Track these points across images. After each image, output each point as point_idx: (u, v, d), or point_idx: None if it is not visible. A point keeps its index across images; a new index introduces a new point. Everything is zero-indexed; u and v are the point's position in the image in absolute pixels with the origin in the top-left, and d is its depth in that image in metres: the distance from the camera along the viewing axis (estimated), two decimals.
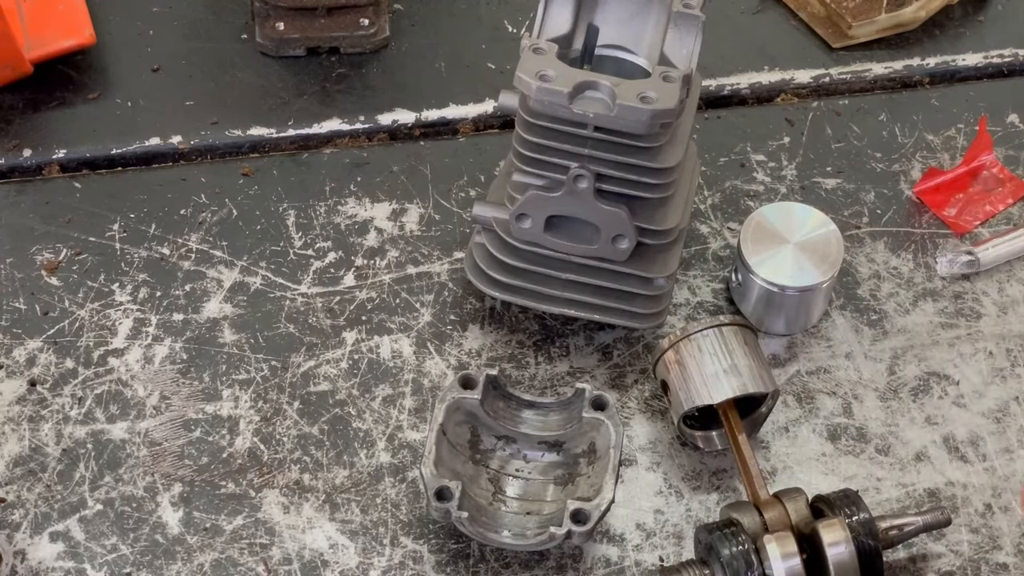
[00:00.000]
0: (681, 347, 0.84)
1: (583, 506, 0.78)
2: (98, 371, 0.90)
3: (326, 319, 0.93)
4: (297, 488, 0.85)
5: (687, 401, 0.83)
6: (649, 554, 0.83)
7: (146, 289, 0.94)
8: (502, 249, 0.88)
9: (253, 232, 0.97)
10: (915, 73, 1.09)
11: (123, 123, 1.03)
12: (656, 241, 0.86)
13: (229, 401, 0.89)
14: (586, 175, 0.82)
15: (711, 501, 0.86)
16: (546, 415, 0.85)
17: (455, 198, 0.99)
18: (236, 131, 1.03)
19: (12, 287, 0.93)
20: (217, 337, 0.91)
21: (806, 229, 0.91)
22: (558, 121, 0.81)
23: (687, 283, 0.95)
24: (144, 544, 0.82)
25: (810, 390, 0.91)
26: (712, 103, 1.07)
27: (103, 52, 1.06)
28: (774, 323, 0.92)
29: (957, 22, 1.12)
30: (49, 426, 0.87)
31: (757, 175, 1.02)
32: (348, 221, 0.98)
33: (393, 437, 0.88)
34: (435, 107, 1.05)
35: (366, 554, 0.83)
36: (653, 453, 0.88)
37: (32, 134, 1.02)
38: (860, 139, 1.04)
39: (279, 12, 1.06)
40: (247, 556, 0.82)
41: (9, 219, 0.97)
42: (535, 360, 0.91)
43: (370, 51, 1.08)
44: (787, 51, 1.10)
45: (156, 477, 0.85)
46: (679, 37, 0.81)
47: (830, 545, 0.75)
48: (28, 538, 0.82)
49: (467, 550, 0.83)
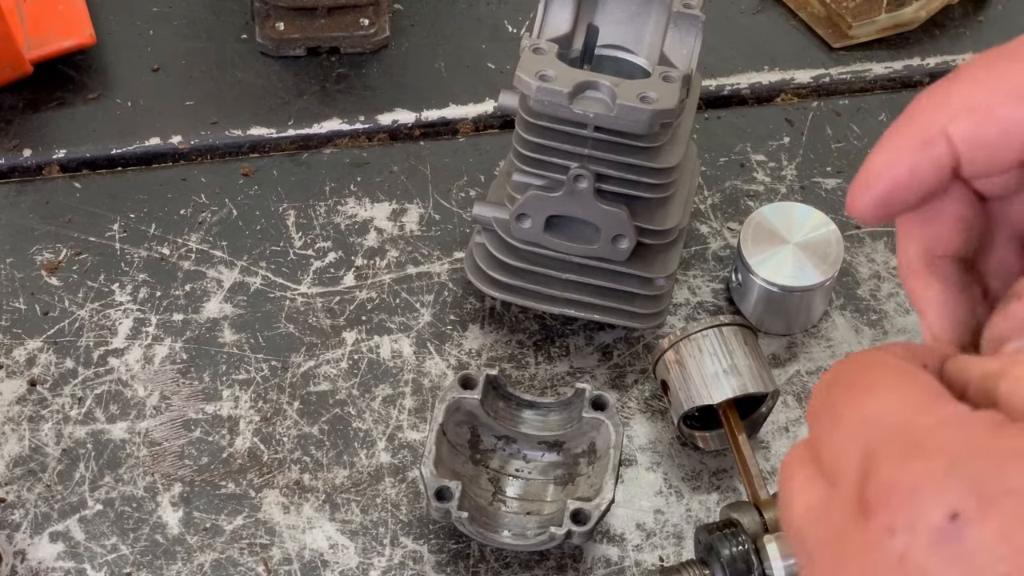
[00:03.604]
0: (681, 347, 0.84)
1: (583, 506, 0.78)
2: (98, 371, 0.90)
3: (326, 319, 0.93)
4: (297, 488, 0.85)
5: (687, 401, 0.83)
6: (649, 554, 0.83)
7: (146, 289, 0.94)
8: (502, 249, 0.88)
9: (253, 232, 0.97)
10: (915, 73, 1.09)
11: (123, 123, 1.03)
12: (656, 241, 0.86)
13: (229, 401, 0.89)
14: (586, 175, 0.82)
15: (711, 501, 0.86)
16: (546, 415, 0.85)
17: (455, 198, 0.99)
18: (236, 131, 1.03)
19: (12, 287, 0.93)
20: (217, 337, 0.91)
21: (806, 229, 0.91)
22: (558, 121, 0.81)
23: (687, 283, 0.95)
24: (144, 544, 0.82)
25: (810, 390, 0.91)
26: (712, 103, 1.07)
27: (103, 52, 1.07)
28: (774, 323, 0.92)
29: (957, 22, 1.12)
30: (49, 426, 0.87)
31: (757, 175, 1.02)
32: (348, 221, 0.98)
33: (393, 437, 0.88)
34: (435, 107, 1.05)
35: (366, 554, 0.83)
36: (653, 453, 0.88)
37: (32, 134, 1.02)
38: (860, 139, 1.04)
39: (279, 12, 1.06)
40: (247, 556, 0.82)
41: (9, 219, 0.97)
42: (535, 360, 0.91)
43: (370, 51, 1.08)
44: (787, 51, 1.10)
45: (156, 477, 0.85)
46: (679, 37, 0.81)
47: None
48: (28, 538, 0.82)
49: (467, 550, 0.83)
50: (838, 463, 0.40)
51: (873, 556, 0.37)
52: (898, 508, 0.37)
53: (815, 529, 0.40)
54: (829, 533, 0.39)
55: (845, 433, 0.40)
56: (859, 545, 0.38)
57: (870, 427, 0.39)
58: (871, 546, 0.37)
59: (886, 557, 0.37)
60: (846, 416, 0.40)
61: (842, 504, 0.39)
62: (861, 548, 0.38)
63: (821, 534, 0.40)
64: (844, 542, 0.39)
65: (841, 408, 0.40)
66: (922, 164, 0.42)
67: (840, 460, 0.39)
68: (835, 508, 0.39)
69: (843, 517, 0.39)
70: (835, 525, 0.39)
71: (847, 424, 0.40)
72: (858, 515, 0.38)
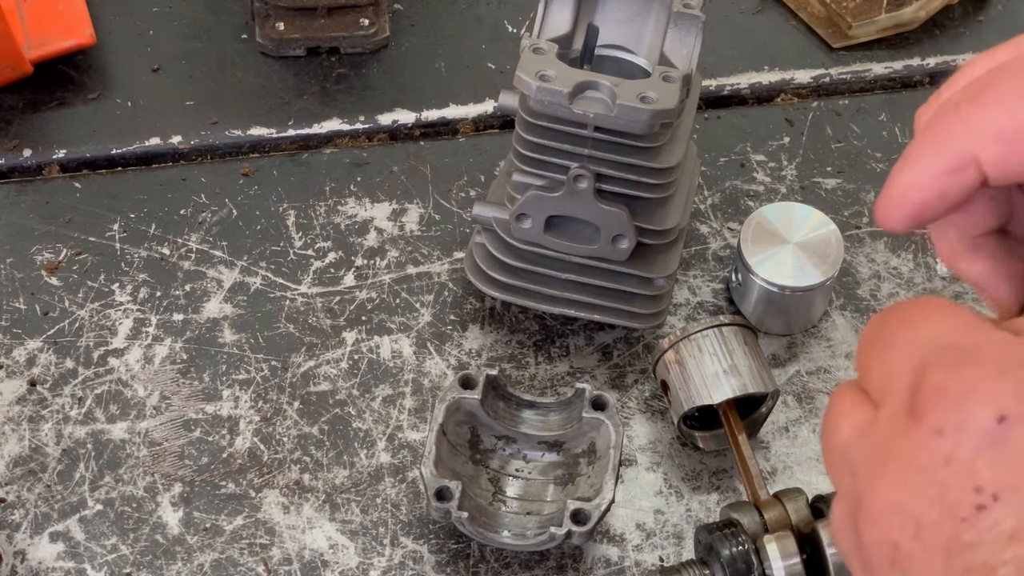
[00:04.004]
0: (681, 347, 0.84)
1: (583, 506, 0.78)
2: (98, 371, 0.90)
3: (326, 319, 0.93)
4: (297, 488, 0.85)
5: (687, 401, 0.83)
6: (649, 554, 0.83)
7: (146, 289, 0.94)
8: (502, 249, 0.88)
9: (253, 232, 0.97)
10: (915, 73, 1.09)
11: (123, 123, 1.03)
12: (656, 241, 0.86)
13: (229, 401, 0.89)
14: (586, 175, 0.82)
15: (711, 501, 0.86)
16: (546, 415, 0.85)
17: (455, 198, 0.99)
18: (236, 131, 1.03)
19: (12, 287, 0.93)
20: (217, 337, 0.91)
21: (806, 229, 0.91)
22: (558, 121, 0.81)
23: (687, 283, 0.95)
24: (144, 544, 0.82)
25: (810, 390, 0.91)
26: (712, 103, 1.07)
27: (103, 52, 1.07)
28: (774, 323, 0.92)
29: (957, 22, 1.12)
30: (49, 426, 0.87)
31: (757, 175, 1.02)
32: (348, 221, 0.98)
33: (393, 437, 0.88)
34: (435, 107, 1.05)
35: (366, 554, 0.83)
36: (653, 453, 0.88)
37: (32, 134, 1.02)
38: (860, 139, 1.04)
39: (279, 12, 1.06)
40: (247, 556, 0.82)
41: (9, 219, 0.97)
42: (535, 360, 0.91)
43: (370, 51, 1.08)
44: (787, 51, 1.10)
45: (156, 477, 0.85)
46: (679, 37, 0.81)
47: (830, 545, 0.75)
48: (28, 538, 0.82)
49: (467, 550, 0.83)
50: (889, 382, 0.42)
51: (919, 457, 0.39)
52: (948, 410, 0.39)
53: (861, 442, 0.42)
54: (876, 443, 0.41)
55: (897, 354, 0.42)
56: (906, 449, 0.39)
57: (923, 346, 0.41)
58: (918, 448, 0.39)
59: (932, 458, 0.39)
60: (898, 340, 0.42)
61: (891, 416, 0.41)
62: (908, 451, 0.39)
63: (867, 445, 0.41)
64: (890, 448, 0.40)
65: (894, 334, 0.42)
66: (952, 188, 0.44)
67: (891, 379, 0.41)
68: (883, 421, 0.41)
69: (891, 427, 0.40)
70: (882, 435, 0.41)
71: (899, 346, 0.42)
72: (907, 422, 0.40)
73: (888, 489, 0.40)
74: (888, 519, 0.39)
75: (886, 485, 0.40)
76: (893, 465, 0.40)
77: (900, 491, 0.39)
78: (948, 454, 0.38)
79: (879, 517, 0.40)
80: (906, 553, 0.39)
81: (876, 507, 0.40)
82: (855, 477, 0.41)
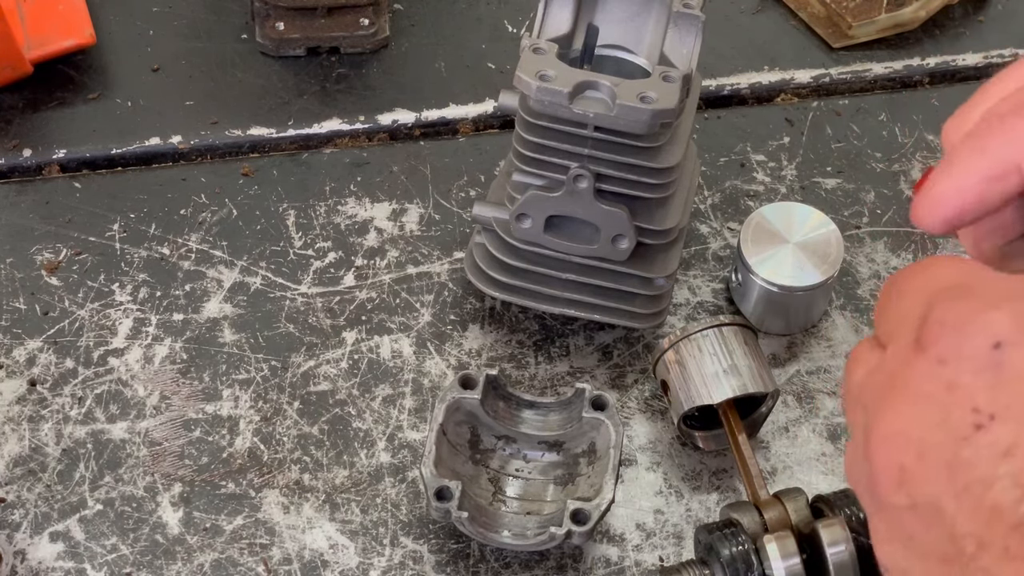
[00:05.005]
0: (681, 347, 0.84)
1: (583, 506, 0.78)
2: (98, 371, 0.90)
3: (326, 319, 0.93)
4: (297, 488, 0.85)
5: (687, 401, 0.83)
6: (649, 554, 0.83)
7: (146, 289, 0.94)
8: (502, 249, 0.88)
9: (253, 232, 0.97)
10: (915, 73, 1.09)
11: (123, 123, 1.03)
12: (656, 241, 0.86)
13: (229, 401, 0.89)
14: (586, 175, 0.82)
15: (711, 501, 0.86)
16: (546, 415, 0.85)
17: (455, 198, 0.99)
18: (236, 131, 1.03)
19: (12, 287, 0.93)
20: (217, 337, 0.91)
21: (806, 229, 0.91)
22: (558, 121, 0.81)
23: (687, 283, 0.95)
24: (144, 544, 0.82)
25: (810, 390, 0.91)
26: (712, 103, 1.07)
27: (103, 52, 1.07)
28: (774, 323, 0.92)
29: (957, 22, 1.12)
30: (49, 426, 0.87)
31: (757, 175, 1.02)
32: (348, 221, 0.98)
33: (393, 437, 0.88)
34: (435, 107, 1.05)
35: (366, 554, 0.83)
36: (653, 453, 0.88)
37: (32, 134, 1.02)
38: (860, 139, 1.04)
39: (279, 12, 1.06)
40: (247, 556, 0.82)
41: (9, 219, 0.97)
42: (535, 360, 0.91)
43: (370, 51, 1.08)
44: (787, 51, 1.10)
45: (156, 477, 0.85)
46: (679, 37, 0.81)
47: (830, 545, 0.75)
48: (28, 538, 0.82)
49: (467, 550, 0.83)
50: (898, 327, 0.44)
51: (924, 386, 0.42)
52: (948, 340, 0.42)
53: (871, 380, 0.45)
54: (884, 378, 0.44)
55: (907, 302, 0.45)
56: (911, 380, 0.42)
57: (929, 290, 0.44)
58: (923, 378, 0.42)
59: (936, 386, 0.41)
60: (908, 289, 0.45)
61: (896, 352, 0.44)
62: (913, 380, 0.42)
63: (876, 382, 0.44)
64: (896, 379, 0.43)
65: (904, 286, 0.46)
66: (992, 194, 0.47)
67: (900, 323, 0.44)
68: (890, 357, 0.44)
69: (897, 361, 0.43)
70: (890, 370, 0.44)
71: (908, 294, 0.45)
72: (912, 355, 0.43)
73: (895, 416, 0.42)
74: (895, 443, 0.42)
75: (893, 413, 0.43)
76: (899, 394, 0.42)
77: (906, 417, 0.42)
78: (950, 381, 0.41)
79: (886, 442, 0.43)
80: (911, 473, 0.42)
81: (884, 433, 0.43)
82: (865, 411, 0.44)
